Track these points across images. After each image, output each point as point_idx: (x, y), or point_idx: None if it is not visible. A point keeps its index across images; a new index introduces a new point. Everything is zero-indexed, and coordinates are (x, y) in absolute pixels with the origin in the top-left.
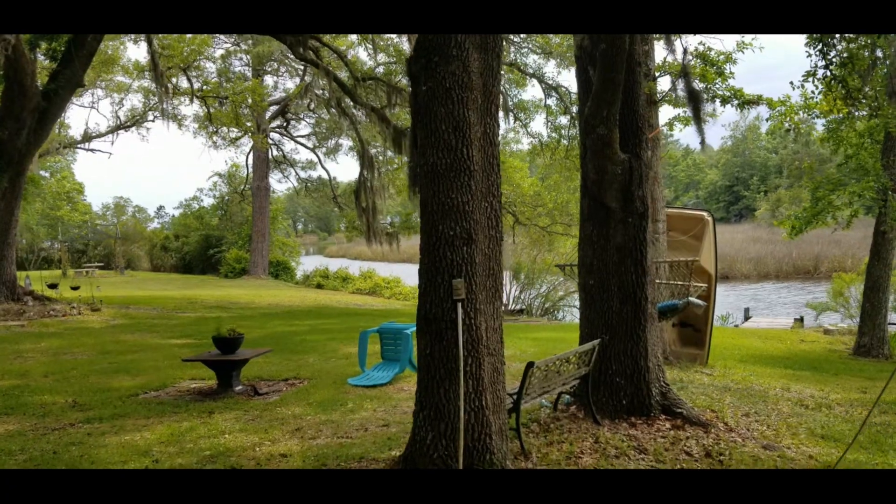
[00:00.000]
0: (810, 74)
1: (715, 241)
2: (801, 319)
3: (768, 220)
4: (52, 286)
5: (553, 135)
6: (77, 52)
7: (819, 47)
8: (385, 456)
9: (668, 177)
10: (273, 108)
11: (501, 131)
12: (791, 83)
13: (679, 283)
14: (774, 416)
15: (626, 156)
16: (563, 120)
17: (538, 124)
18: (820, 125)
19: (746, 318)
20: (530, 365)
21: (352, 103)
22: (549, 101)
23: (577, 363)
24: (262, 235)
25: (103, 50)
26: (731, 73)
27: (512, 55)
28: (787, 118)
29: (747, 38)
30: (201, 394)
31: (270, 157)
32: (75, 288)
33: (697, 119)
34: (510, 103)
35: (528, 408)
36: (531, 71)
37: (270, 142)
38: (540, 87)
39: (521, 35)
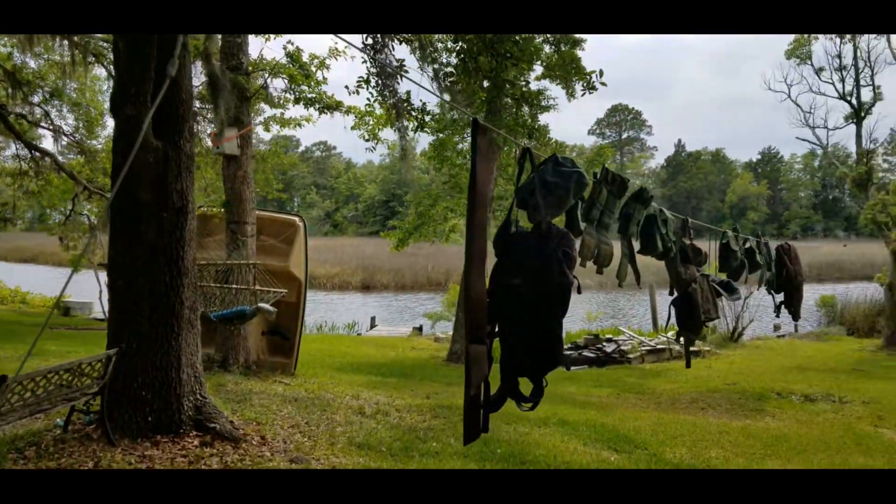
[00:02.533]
0: (365, 81)
1: (306, 247)
2: (420, 328)
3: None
4: None
5: None
6: None
7: (372, 53)
8: None
9: (329, 188)
10: None
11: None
12: (346, 87)
13: (247, 287)
14: (324, 426)
15: (160, 143)
16: None
17: None
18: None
19: (372, 326)
20: (3, 379)
21: None
22: None
23: (84, 375)
24: None
25: None
26: (324, 79)
27: None
28: (367, 128)
29: (341, 45)
30: None
31: None
32: None
33: (216, 107)
34: None
35: (35, 429)
36: None
37: None
38: None
39: None
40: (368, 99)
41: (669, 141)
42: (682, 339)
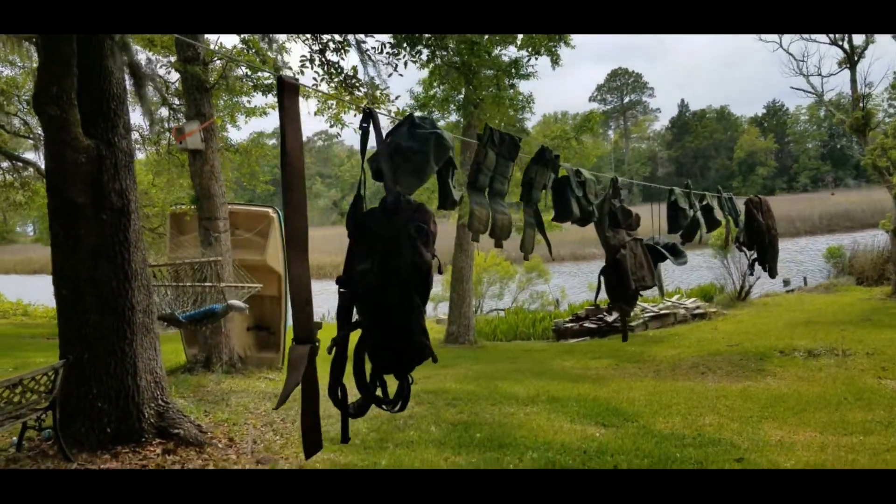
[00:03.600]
0: (310, 60)
1: (282, 239)
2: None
3: None
4: None
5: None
6: None
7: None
8: None
9: (333, 177)
10: None
11: None
12: (290, 68)
13: (213, 286)
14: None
15: (92, 142)
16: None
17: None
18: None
19: None
20: None
21: None
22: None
23: (30, 391)
24: None
25: None
26: (284, 63)
27: None
28: (331, 113)
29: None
30: None
31: None
32: None
33: (140, 99)
34: None
35: None
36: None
37: None
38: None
39: None
40: (315, 79)
41: (672, 102)
42: (615, 311)
